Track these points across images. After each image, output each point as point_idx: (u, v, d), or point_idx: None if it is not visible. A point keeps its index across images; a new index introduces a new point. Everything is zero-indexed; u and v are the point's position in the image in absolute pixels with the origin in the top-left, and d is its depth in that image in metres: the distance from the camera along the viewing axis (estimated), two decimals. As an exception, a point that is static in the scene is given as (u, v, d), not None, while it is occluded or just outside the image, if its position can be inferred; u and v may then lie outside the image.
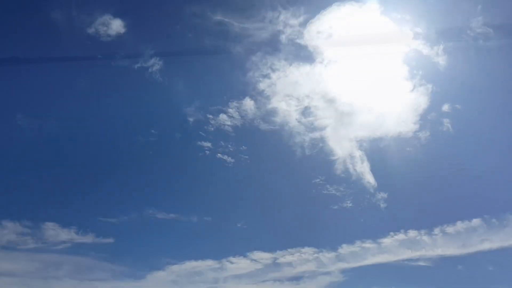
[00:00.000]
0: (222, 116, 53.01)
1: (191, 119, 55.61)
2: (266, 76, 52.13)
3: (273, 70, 51.24)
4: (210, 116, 56.57)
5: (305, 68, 50.56)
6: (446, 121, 54.08)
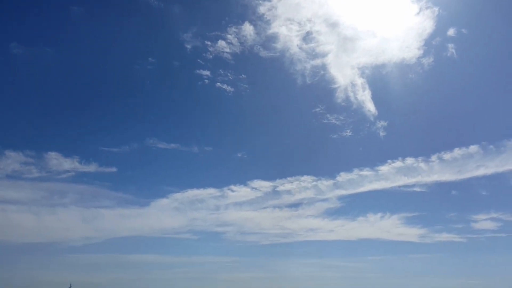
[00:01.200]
0: (221, 43, 51.67)
1: (188, 46, 54.18)
2: (266, -2, 49.50)
3: (274, -8, 48.55)
4: (208, 43, 55.11)
5: (307, -10, 47.82)
6: (450, 46, 52.62)
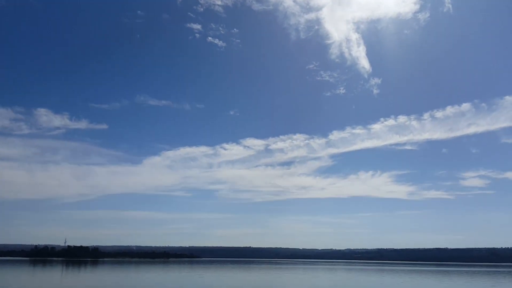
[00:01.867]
0: (212, -6, 48.31)
1: (179, -2, 50.76)
2: None
3: None
4: (199, -6, 51.85)
5: None
6: (447, 1, 50.21)
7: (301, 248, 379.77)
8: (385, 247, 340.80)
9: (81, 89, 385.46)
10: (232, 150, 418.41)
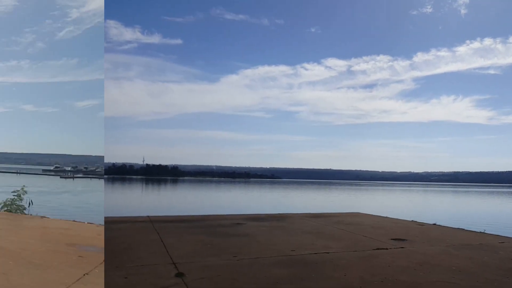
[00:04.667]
0: None
1: None
2: None
3: None
4: None
5: None
6: None
7: (380, 171, 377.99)
8: (461, 170, 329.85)
9: (153, 1, 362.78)
10: (313, 71, 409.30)
